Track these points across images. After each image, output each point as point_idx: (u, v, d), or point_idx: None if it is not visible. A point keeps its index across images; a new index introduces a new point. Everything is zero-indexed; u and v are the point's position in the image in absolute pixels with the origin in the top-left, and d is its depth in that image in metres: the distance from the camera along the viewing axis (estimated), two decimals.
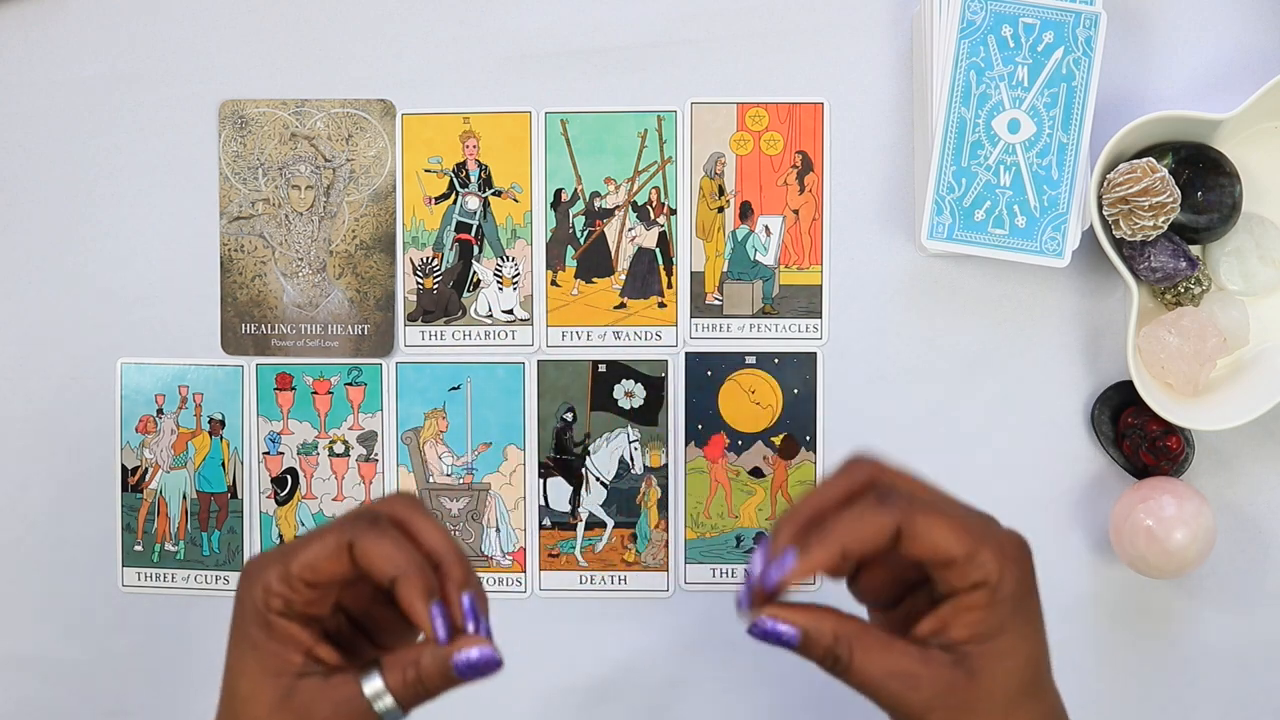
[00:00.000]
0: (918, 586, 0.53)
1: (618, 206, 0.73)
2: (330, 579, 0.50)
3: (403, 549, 0.49)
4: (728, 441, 0.73)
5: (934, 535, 0.50)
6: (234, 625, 0.51)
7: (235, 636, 0.51)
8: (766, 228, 0.72)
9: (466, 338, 0.73)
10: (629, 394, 0.72)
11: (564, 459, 0.73)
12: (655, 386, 0.73)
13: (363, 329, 0.73)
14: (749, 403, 0.72)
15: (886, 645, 0.53)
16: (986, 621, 0.52)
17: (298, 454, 0.74)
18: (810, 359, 0.72)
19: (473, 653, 0.49)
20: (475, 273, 0.73)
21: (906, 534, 0.50)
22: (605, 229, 0.73)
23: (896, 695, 0.51)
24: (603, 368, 0.72)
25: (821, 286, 0.72)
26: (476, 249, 0.73)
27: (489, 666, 0.49)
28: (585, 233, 0.73)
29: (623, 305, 0.73)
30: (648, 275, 0.73)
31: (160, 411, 0.74)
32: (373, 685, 0.49)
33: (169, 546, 0.74)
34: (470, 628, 0.49)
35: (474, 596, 0.50)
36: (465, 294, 0.73)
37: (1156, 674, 0.71)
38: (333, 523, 0.50)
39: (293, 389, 0.73)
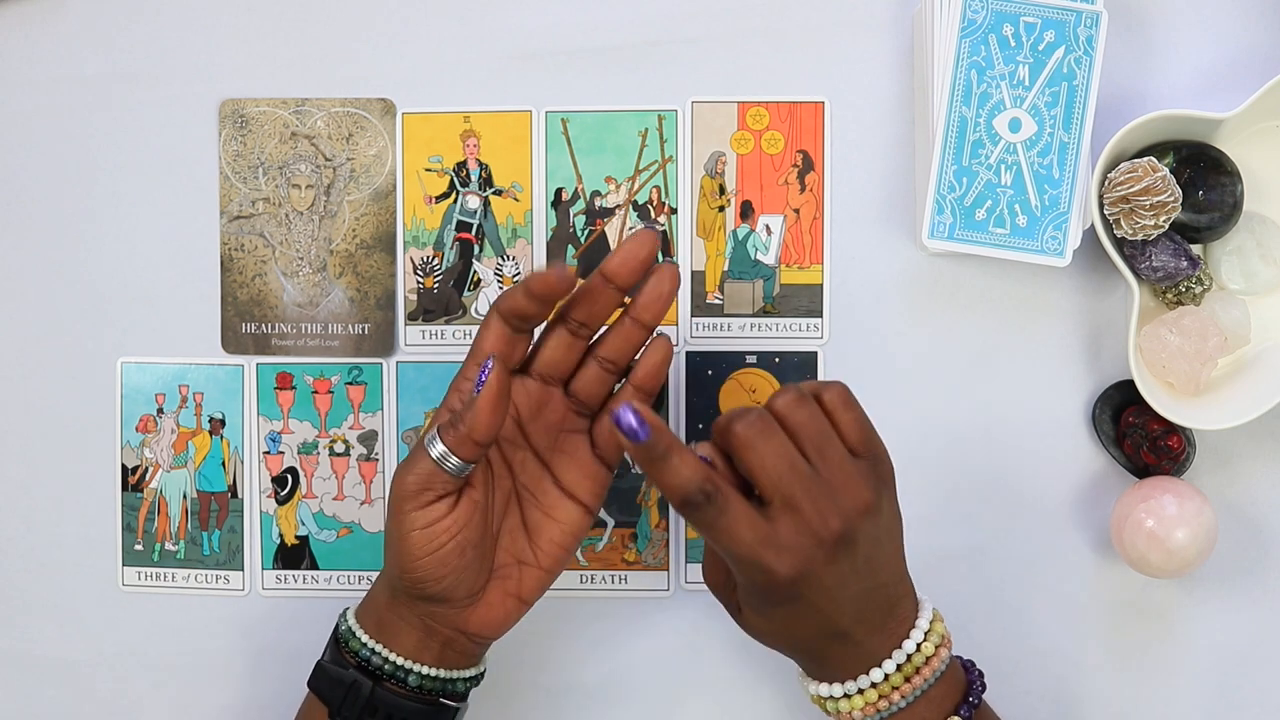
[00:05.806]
0: None
1: (618, 205, 0.73)
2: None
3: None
4: None
5: (725, 525, 0.56)
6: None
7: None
8: (767, 227, 0.72)
9: (467, 337, 0.73)
10: None
11: None
12: None
13: (363, 328, 0.73)
14: (750, 402, 0.72)
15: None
16: (746, 598, 0.59)
17: (298, 453, 0.74)
18: (811, 358, 0.72)
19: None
20: (476, 272, 0.73)
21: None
22: (606, 228, 0.73)
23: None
24: None
25: (822, 286, 0.72)
26: (477, 248, 0.73)
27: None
28: (586, 232, 0.73)
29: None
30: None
31: (160, 411, 0.74)
32: (436, 449, 0.58)
33: (169, 546, 0.74)
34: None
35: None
36: (466, 293, 0.73)
37: (1156, 673, 0.71)
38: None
39: (293, 388, 0.73)
